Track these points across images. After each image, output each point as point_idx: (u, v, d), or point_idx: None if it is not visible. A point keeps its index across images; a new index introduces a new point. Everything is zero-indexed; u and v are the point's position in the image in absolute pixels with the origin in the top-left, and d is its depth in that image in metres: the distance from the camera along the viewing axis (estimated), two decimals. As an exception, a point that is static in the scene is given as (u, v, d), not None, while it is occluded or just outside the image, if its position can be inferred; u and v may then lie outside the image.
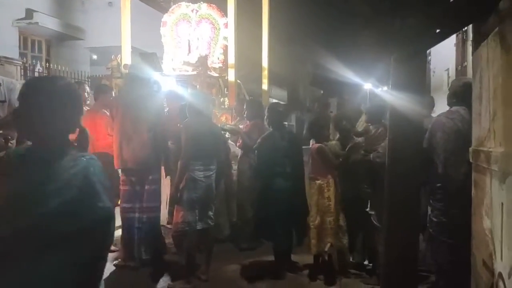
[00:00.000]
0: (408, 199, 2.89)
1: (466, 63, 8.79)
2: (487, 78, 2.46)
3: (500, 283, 2.13)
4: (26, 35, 13.05)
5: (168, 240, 4.78)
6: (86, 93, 5.81)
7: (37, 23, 12.39)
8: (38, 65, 12.75)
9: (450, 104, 3.86)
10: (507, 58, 2.13)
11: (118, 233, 4.78)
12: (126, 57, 7.44)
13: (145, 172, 4.36)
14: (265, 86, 9.54)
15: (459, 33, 9.04)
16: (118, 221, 4.56)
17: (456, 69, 9.91)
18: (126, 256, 4.41)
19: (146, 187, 4.36)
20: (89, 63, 14.90)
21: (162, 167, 4.67)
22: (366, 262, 4.46)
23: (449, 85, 4.25)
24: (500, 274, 2.14)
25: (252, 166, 5.04)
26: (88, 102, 5.82)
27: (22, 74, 11.47)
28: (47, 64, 12.70)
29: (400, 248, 2.88)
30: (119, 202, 4.61)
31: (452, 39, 9.67)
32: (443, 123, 3.65)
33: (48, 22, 12.79)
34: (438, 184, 3.68)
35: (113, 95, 5.48)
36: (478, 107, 2.73)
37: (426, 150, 3.63)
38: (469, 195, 2.91)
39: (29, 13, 12.34)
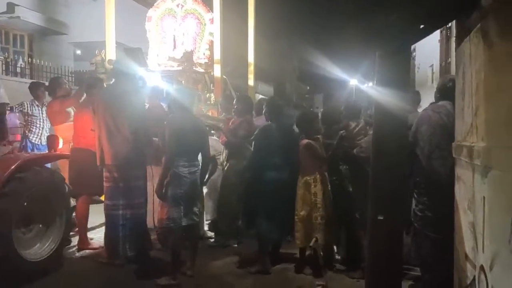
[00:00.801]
0: (392, 193, 2.91)
1: (450, 59, 8.90)
2: (469, 74, 2.49)
3: (482, 276, 2.16)
4: (8, 30, 12.83)
5: (154, 236, 4.76)
6: (66, 87, 5.74)
7: (18, 17, 12.19)
8: (20, 60, 12.58)
9: (436, 99, 3.91)
10: (489, 54, 2.15)
11: (102, 230, 4.76)
12: (110, 52, 7.35)
13: (129, 168, 4.31)
14: (251, 82, 9.53)
15: (443, 30, 9.14)
16: (102, 218, 4.53)
17: (440, 65, 10.02)
18: (111, 253, 4.37)
19: (131, 183, 4.32)
20: (73, 58, 14.74)
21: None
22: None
23: (433, 80, 4.31)
24: (482, 267, 2.17)
25: (240, 162, 5.02)
26: (70, 95, 5.74)
27: (4, 69, 11.31)
28: (30, 59, 12.51)
29: (384, 241, 2.90)
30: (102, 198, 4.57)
31: (436, 35, 9.78)
32: (429, 117, 3.69)
33: (30, 16, 12.59)
34: (423, 178, 3.72)
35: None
36: (461, 103, 2.75)
37: (411, 143, 3.66)
38: (453, 189, 2.95)
39: (11, 7, 12.13)
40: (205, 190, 5.01)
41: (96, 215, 5.09)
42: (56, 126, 5.57)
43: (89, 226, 5.08)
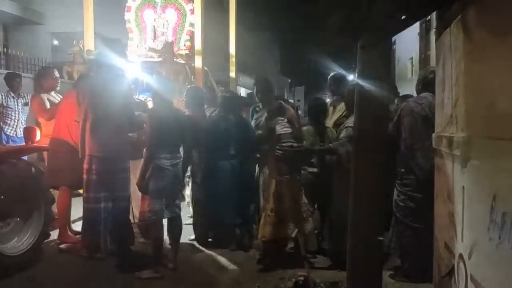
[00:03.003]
0: (374, 184, 2.93)
1: (429, 52, 9.01)
2: (449, 65, 2.51)
3: (461, 264, 2.20)
4: (-18, 19, 12.47)
5: (135, 229, 4.71)
6: (54, 78, 5.39)
7: (-8, 6, 11.85)
8: (-5, 50, 12.22)
9: (418, 91, 3.96)
10: (469, 45, 2.17)
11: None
12: (89, 43, 7.21)
13: (116, 160, 4.24)
14: (232, 74, 9.49)
15: (423, 23, 9.23)
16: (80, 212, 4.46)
17: (420, 58, 10.15)
18: (92, 247, 4.30)
19: (117, 176, 4.25)
20: (50, 49, 14.42)
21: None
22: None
23: (413, 73, 4.35)
24: (461, 256, 2.21)
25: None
26: (58, 88, 5.52)
27: (-22, 59, 10.98)
28: (5, 50, 12.17)
29: (365, 231, 2.92)
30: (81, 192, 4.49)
31: (416, 29, 9.88)
32: (411, 108, 3.73)
33: (5, 5, 12.26)
34: (405, 169, 3.76)
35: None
36: (440, 94, 2.78)
37: (393, 134, 3.70)
38: (434, 180, 2.99)
39: (-16, -4, 11.77)
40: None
41: (78, 208, 5.00)
42: (41, 119, 5.35)
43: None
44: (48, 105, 5.21)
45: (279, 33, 22.94)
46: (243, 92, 18.31)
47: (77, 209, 5.00)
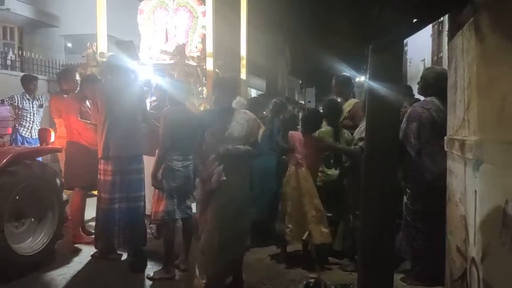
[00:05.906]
0: (385, 186, 2.92)
1: (441, 53, 8.92)
2: (462, 68, 2.50)
3: (473, 268, 2.19)
4: (-3, 22, 12.67)
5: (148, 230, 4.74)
6: (75, 82, 5.29)
7: (8, 9, 12.06)
8: (10, 52, 12.42)
9: (423, 94, 3.95)
10: (482, 48, 2.16)
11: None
12: (102, 45, 7.28)
13: (131, 161, 4.29)
14: (243, 76, 9.50)
15: (435, 24, 9.15)
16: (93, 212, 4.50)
17: (432, 59, 10.05)
18: (105, 248, 4.35)
19: (133, 176, 4.29)
20: (64, 51, 14.60)
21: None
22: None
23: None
24: (473, 259, 2.20)
25: None
26: (77, 91, 5.55)
27: (-6, 62, 11.16)
28: (20, 52, 12.37)
29: (376, 234, 2.92)
30: (95, 192, 4.55)
31: (428, 30, 9.80)
32: (419, 114, 3.73)
33: (20, 8, 12.45)
34: (414, 173, 3.76)
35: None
36: (453, 97, 2.77)
37: (402, 139, 3.69)
38: (444, 183, 2.97)
39: (0, -1, 11.97)
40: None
41: (91, 209, 5.06)
42: (58, 119, 5.39)
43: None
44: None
45: (290, 35, 22.91)
46: (253, 93, 18.34)
47: (90, 210, 5.06)
